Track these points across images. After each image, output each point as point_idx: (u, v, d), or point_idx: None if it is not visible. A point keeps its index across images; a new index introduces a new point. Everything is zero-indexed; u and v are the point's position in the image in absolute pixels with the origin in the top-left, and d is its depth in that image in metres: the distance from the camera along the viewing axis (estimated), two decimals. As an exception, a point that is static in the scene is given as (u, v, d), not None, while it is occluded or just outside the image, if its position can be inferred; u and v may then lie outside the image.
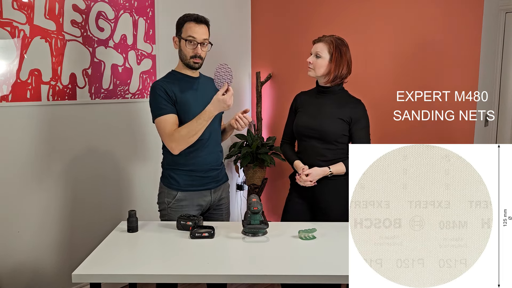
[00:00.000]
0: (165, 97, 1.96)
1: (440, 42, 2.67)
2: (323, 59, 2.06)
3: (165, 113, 1.95)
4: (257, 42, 3.70)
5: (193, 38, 1.96)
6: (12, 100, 2.31)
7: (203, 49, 1.99)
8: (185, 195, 2.04)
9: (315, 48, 2.10)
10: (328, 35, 2.10)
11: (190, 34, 1.96)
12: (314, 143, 2.10)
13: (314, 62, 2.08)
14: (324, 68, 2.07)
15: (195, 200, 2.05)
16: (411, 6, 2.78)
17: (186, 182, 2.04)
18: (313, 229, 1.81)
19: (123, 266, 1.57)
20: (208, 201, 2.09)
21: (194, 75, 2.07)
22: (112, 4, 2.68)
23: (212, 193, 2.10)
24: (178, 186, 2.04)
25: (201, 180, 2.05)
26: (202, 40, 1.97)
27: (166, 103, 1.96)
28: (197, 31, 1.96)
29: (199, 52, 1.98)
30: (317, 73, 2.09)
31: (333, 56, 2.05)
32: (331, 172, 2.05)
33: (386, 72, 2.90)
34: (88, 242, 2.40)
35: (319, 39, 2.10)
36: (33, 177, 2.45)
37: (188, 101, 2.00)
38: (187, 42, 1.97)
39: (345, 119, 2.07)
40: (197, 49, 1.98)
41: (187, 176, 2.04)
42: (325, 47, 2.06)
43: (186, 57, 2.00)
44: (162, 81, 2.04)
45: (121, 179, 2.87)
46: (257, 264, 1.59)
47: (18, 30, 2.29)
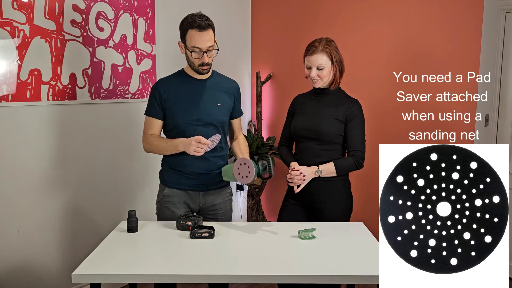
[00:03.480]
0: (156, 100, 2.00)
1: (440, 42, 2.67)
2: (326, 67, 2.05)
3: (150, 115, 2.04)
4: (257, 42, 3.70)
5: (199, 48, 1.91)
6: (12, 100, 2.31)
7: (209, 55, 1.94)
8: (172, 192, 2.06)
9: (313, 61, 2.05)
10: (317, 42, 2.06)
11: (194, 44, 1.91)
12: (311, 144, 2.10)
13: (319, 74, 2.06)
14: (330, 74, 2.07)
15: (182, 199, 2.05)
16: (411, 6, 2.78)
17: (173, 180, 2.06)
18: (312, 229, 1.82)
19: (123, 266, 1.57)
20: (198, 203, 2.08)
21: (202, 77, 2.04)
22: (112, 4, 2.68)
23: (202, 196, 2.07)
24: (166, 183, 2.08)
25: (188, 181, 2.04)
26: (207, 48, 1.92)
27: (155, 106, 2.01)
28: (201, 40, 1.90)
29: (205, 60, 1.94)
30: (325, 82, 2.09)
31: (334, 58, 2.05)
32: (320, 170, 2.04)
33: (386, 72, 2.90)
34: (88, 242, 2.41)
35: (313, 52, 2.05)
36: (33, 177, 2.44)
37: (181, 104, 1.98)
38: (192, 52, 1.93)
39: (340, 118, 2.07)
40: (203, 58, 1.93)
41: (175, 174, 2.05)
42: (324, 55, 2.04)
43: (193, 64, 1.98)
44: (162, 82, 2.04)
45: (121, 179, 2.87)
46: (257, 264, 1.59)
47: (18, 30, 2.29)
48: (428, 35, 2.71)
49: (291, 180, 2.04)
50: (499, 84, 2.95)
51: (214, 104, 2.03)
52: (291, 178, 2.04)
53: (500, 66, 2.91)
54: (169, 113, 2.01)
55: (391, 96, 2.52)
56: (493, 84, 2.92)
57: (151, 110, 2.03)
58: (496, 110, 2.98)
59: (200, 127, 2.00)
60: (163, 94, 2.00)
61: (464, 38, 2.59)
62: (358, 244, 1.79)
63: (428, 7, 2.70)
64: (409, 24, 2.79)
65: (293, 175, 2.03)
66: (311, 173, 2.04)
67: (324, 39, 2.08)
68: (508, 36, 2.85)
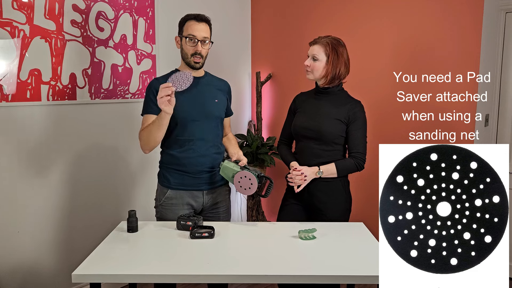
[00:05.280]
0: (152, 97, 1.98)
1: (440, 42, 2.67)
2: (320, 61, 2.06)
3: (147, 112, 2.01)
4: (257, 42, 3.70)
5: (193, 36, 1.97)
6: (12, 100, 2.31)
7: (203, 46, 1.99)
8: (175, 194, 2.04)
9: (311, 50, 2.09)
10: (324, 36, 2.09)
11: (190, 32, 1.97)
12: (311, 144, 2.10)
13: (312, 64, 2.07)
14: (322, 70, 2.07)
15: (185, 199, 2.04)
16: (411, 6, 2.78)
17: (176, 181, 2.04)
18: (313, 229, 1.81)
19: (123, 266, 1.57)
20: (201, 202, 2.07)
21: (196, 75, 2.04)
22: (112, 4, 2.68)
23: (205, 195, 2.07)
24: (168, 184, 2.05)
25: (192, 181, 2.04)
26: (202, 38, 1.98)
27: (153, 103, 1.97)
28: (197, 28, 1.97)
29: (199, 49, 1.98)
30: (315, 76, 2.09)
31: (330, 57, 2.04)
32: (321, 171, 2.04)
33: (386, 72, 2.90)
34: (88, 242, 2.40)
35: (315, 41, 2.09)
36: (33, 177, 2.45)
37: (180, 101, 1.96)
38: (187, 40, 1.98)
39: (342, 119, 2.07)
40: (197, 46, 1.97)
41: (178, 175, 2.04)
42: (321, 49, 2.05)
43: (187, 55, 2.00)
44: (158, 80, 2.04)
45: (121, 179, 2.87)
46: (257, 264, 1.59)
47: (18, 30, 2.29)
48: (428, 35, 2.71)
49: (292, 180, 2.04)
50: (499, 84, 2.95)
51: (212, 100, 2.06)
52: (292, 178, 2.04)
53: (500, 66, 2.91)
54: None
55: (391, 96, 2.52)
56: (493, 84, 2.92)
57: (148, 107, 2.00)
58: (496, 110, 2.98)
59: (198, 122, 2.01)
60: None
61: (464, 38, 2.59)
62: (358, 244, 1.79)
63: (428, 7, 2.70)
64: (409, 24, 2.79)
65: (294, 175, 2.03)
66: (312, 174, 2.04)
67: (332, 37, 2.08)
68: (508, 36, 2.85)
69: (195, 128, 2.00)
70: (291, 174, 2.05)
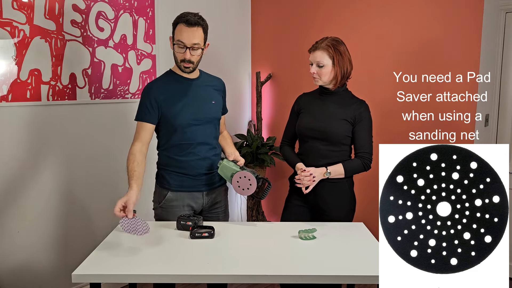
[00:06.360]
0: (148, 105, 1.94)
1: (440, 42, 2.67)
2: (326, 66, 2.04)
3: (143, 120, 1.97)
4: (257, 42, 3.70)
5: (182, 42, 1.88)
6: (12, 100, 2.31)
7: (192, 53, 1.90)
8: (175, 196, 2.03)
9: (313, 57, 2.06)
10: (322, 40, 2.07)
11: (179, 37, 1.88)
12: (317, 145, 2.09)
13: (318, 71, 2.05)
14: (330, 74, 2.05)
15: (185, 201, 2.03)
16: (411, 6, 2.78)
17: (176, 183, 2.03)
18: (313, 229, 1.81)
19: (123, 266, 1.57)
20: (200, 203, 2.07)
21: (190, 76, 2.02)
22: (112, 4, 2.68)
23: (205, 196, 2.07)
24: (168, 186, 2.04)
25: (192, 182, 2.03)
26: (191, 44, 1.88)
27: (148, 110, 1.95)
28: (186, 35, 1.87)
29: (187, 57, 1.89)
30: (324, 81, 2.07)
31: (335, 59, 2.03)
32: (329, 172, 2.04)
33: (386, 72, 2.90)
34: (88, 242, 2.41)
35: (315, 47, 2.06)
36: (33, 177, 2.44)
37: (178, 106, 1.96)
38: (176, 46, 1.92)
39: (349, 119, 2.07)
40: (185, 53, 1.89)
41: (178, 177, 2.02)
42: (324, 53, 2.04)
43: (176, 60, 1.96)
44: (155, 84, 2.01)
45: (121, 179, 2.86)
46: (257, 264, 1.59)
47: (18, 30, 2.29)
48: (428, 35, 2.71)
49: (300, 181, 2.04)
50: (499, 84, 2.96)
51: (209, 102, 2.04)
52: (300, 179, 2.03)
53: (500, 66, 2.91)
54: (167, 116, 1.96)
55: (391, 96, 2.52)
56: (493, 84, 2.92)
57: (144, 115, 1.96)
58: (496, 110, 2.98)
59: (199, 126, 2.00)
60: (158, 97, 1.95)
61: (464, 38, 2.59)
62: (358, 244, 1.79)
63: (428, 7, 2.70)
64: (409, 24, 2.79)
65: (303, 177, 2.02)
66: (320, 174, 2.04)
67: (330, 38, 2.06)
68: (508, 36, 2.85)
69: (195, 132, 1.99)
70: (299, 175, 2.04)
